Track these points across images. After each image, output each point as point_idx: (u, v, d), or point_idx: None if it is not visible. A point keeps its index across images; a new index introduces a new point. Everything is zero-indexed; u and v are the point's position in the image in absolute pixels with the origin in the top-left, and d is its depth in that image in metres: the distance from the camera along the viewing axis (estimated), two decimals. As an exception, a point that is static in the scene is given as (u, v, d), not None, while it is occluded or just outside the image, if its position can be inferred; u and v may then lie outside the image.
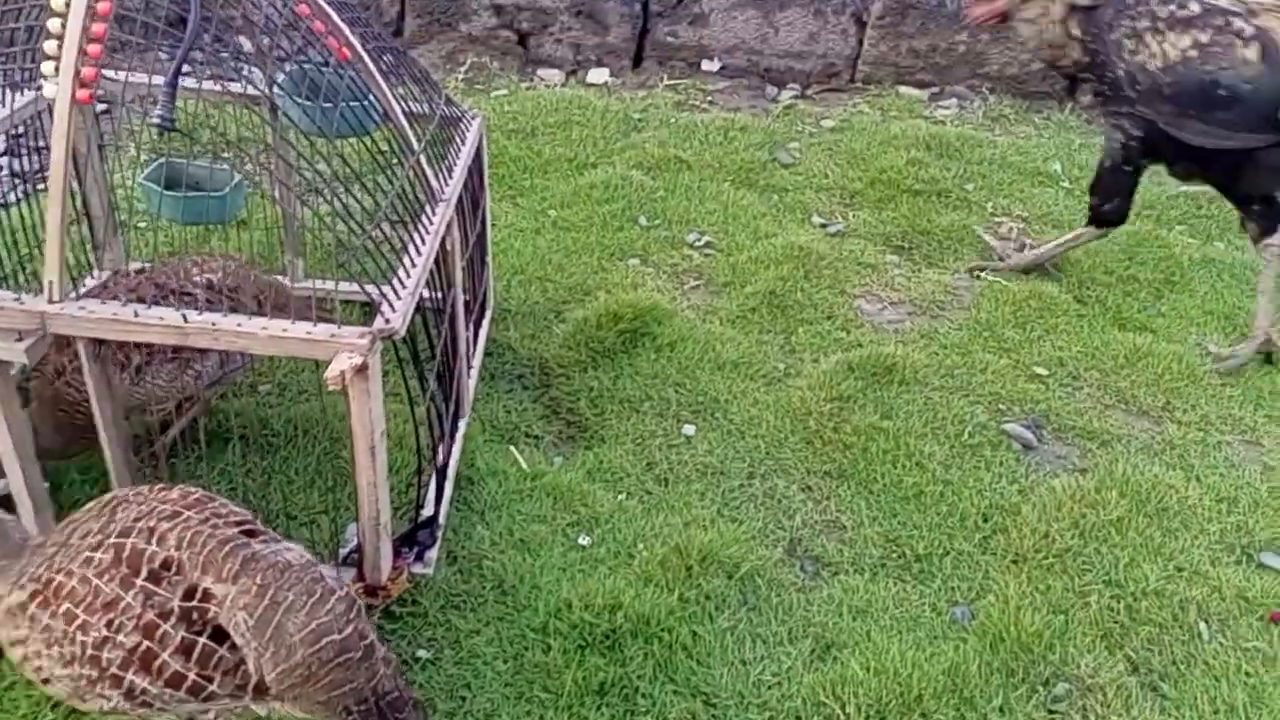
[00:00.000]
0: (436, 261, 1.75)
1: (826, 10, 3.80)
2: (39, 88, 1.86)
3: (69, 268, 1.48)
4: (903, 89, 3.84)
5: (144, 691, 1.23)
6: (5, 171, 2.28)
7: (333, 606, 1.26)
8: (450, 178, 1.90)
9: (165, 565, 1.23)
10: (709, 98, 3.78)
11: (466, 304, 2.15)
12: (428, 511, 1.76)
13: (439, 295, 1.80)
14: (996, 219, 3.08)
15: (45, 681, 1.27)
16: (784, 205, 3.10)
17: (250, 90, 2.09)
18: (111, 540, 1.25)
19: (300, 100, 1.91)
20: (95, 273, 2.20)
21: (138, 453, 1.79)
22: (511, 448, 2.11)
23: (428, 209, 1.75)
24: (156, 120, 1.36)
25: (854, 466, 2.12)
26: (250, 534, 1.31)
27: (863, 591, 1.85)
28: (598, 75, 3.83)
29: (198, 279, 1.83)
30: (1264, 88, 2.24)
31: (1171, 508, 2.07)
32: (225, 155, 2.35)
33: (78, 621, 1.22)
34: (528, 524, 1.91)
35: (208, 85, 1.59)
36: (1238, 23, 2.27)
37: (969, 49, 3.78)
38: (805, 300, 2.64)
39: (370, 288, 1.49)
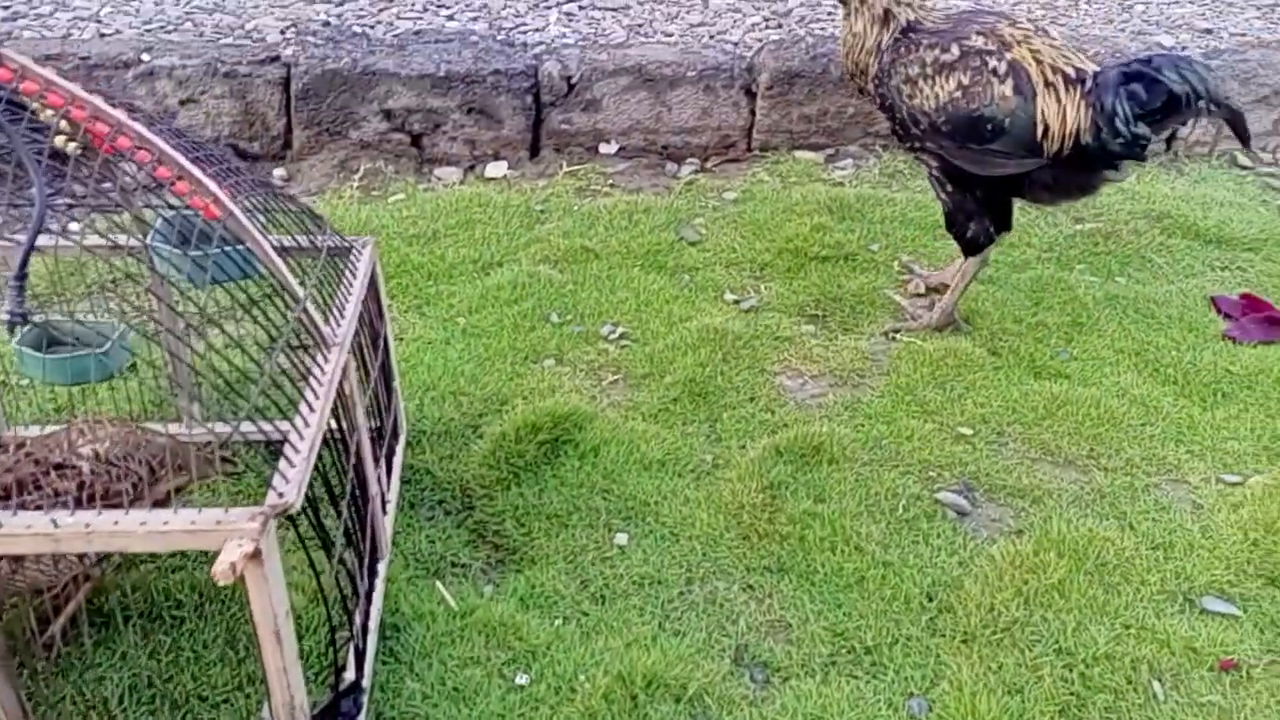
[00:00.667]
0: (335, 408, 1.67)
1: (716, 85, 3.84)
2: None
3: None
4: (799, 153, 3.90)
5: None
6: None
7: None
8: (343, 317, 1.83)
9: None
10: (610, 180, 3.78)
11: (378, 433, 2.07)
12: (350, 676, 1.65)
13: (341, 445, 1.71)
14: (904, 277, 3.10)
15: None
16: (695, 285, 3.09)
17: (128, 241, 2.01)
18: None
19: (178, 250, 1.83)
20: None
21: (26, 647, 1.65)
22: (438, 583, 2.02)
23: (318, 358, 1.67)
24: (5, 317, 1.26)
25: (793, 559, 2.07)
26: None
27: (816, 696, 1.78)
28: (496, 169, 3.80)
29: (84, 450, 1.71)
30: (1020, 118, 2.49)
31: (1110, 562, 2.06)
32: (105, 309, 2.24)
33: None
34: (461, 669, 1.81)
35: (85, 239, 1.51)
36: (992, 61, 2.51)
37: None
38: (726, 384, 2.61)
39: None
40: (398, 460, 2.25)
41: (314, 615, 1.87)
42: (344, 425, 1.74)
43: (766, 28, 4.49)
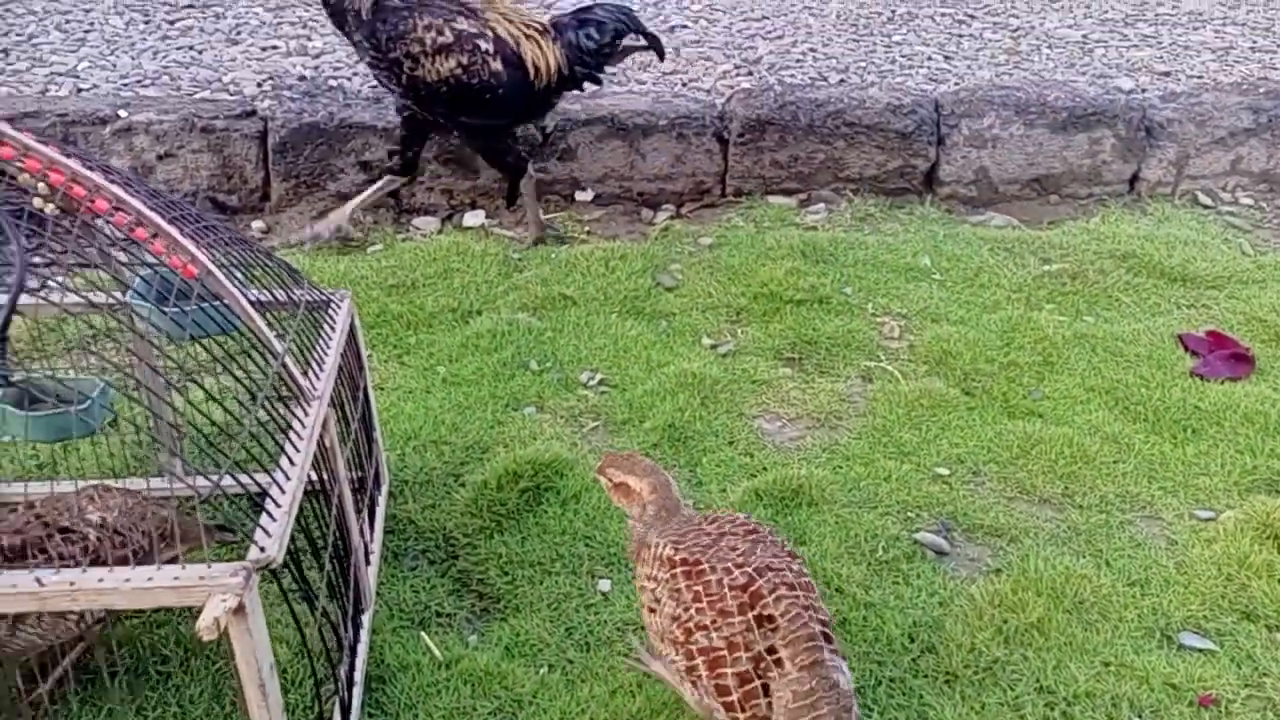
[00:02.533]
0: (316, 461, 1.68)
1: (688, 133, 3.91)
2: None
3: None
4: (772, 198, 3.96)
5: (697, 674, 1.60)
6: None
7: None
8: (322, 370, 1.84)
9: (769, 619, 1.58)
10: (586, 228, 3.82)
11: (360, 484, 2.07)
12: (334, 732, 1.64)
13: (323, 497, 1.72)
14: (878, 319, 3.16)
15: (651, 611, 1.71)
16: (673, 330, 3.12)
17: (106, 299, 2.01)
18: (749, 569, 1.62)
19: (157, 306, 1.84)
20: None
21: (12, 706, 1.63)
22: (423, 633, 2.01)
23: (298, 412, 1.68)
24: (-12, 376, 1.27)
25: (775, 603, 2.08)
26: (827, 638, 1.59)
27: (801, 741, 1.78)
28: (473, 218, 3.84)
29: (92, 517, 1.72)
30: (511, 86, 3.27)
31: (1088, 599, 2.08)
32: (85, 366, 2.24)
33: (699, 603, 1.62)
34: (446, 721, 1.80)
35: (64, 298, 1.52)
36: (483, 44, 3.22)
37: (828, 155, 3.94)
38: (705, 429, 2.63)
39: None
40: (380, 511, 2.25)
41: (299, 668, 1.86)
42: (325, 477, 1.75)
43: (737, 74, 4.58)
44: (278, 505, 1.47)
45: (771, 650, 1.55)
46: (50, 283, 1.45)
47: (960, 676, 1.92)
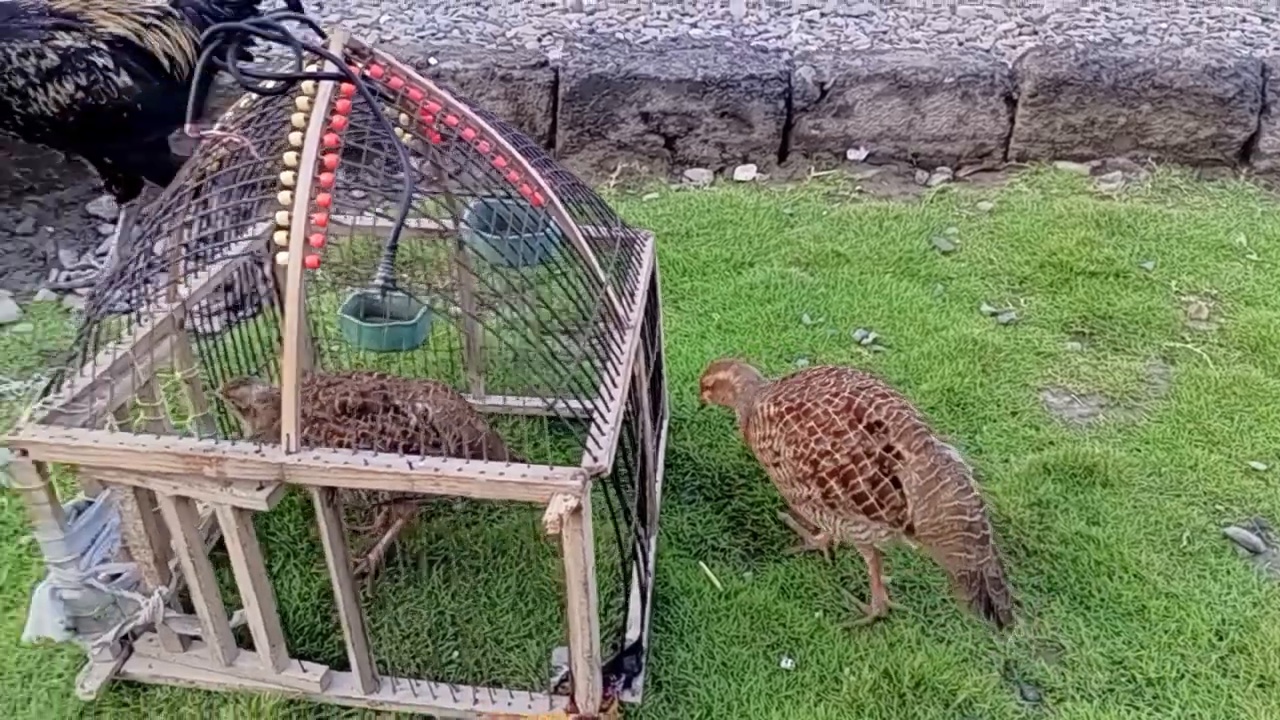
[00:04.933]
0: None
1: (975, 93, 3.75)
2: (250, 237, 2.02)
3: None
4: (1061, 164, 3.73)
5: (833, 496, 1.78)
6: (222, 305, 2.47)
7: (971, 499, 1.72)
8: (634, 303, 1.94)
9: (877, 424, 1.77)
10: (858, 187, 3.76)
11: (653, 413, 2.16)
12: (632, 637, 1.75)
13: (630, 419, 1.81)
14: (1183, 297, 2.91)
15: (775, 466, 1.89)
16: (950, 295, 3.03)
17: (442, 225, 2.21)
18: (844, 393, 1.82)
19: (485, 234, 2.00)
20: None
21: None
22: (701, 564, 2.09)
23: (616, 338, 1.78)
24: (379, 281, 1.43)
25: (1065, 579, 2.00)
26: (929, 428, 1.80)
27: (1093, 721, 1.72)
28: (744, 172, 3.88)
29: (419, 406, 1.89)
30: (148, 97, 2.80)
31: None
32: (420, 286, 2.46)
33: (814, 435, 1.80)
34: (727, 646, 1.87)
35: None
36: (99, 60, 2.71)
37: (1130, 120, 3.65)
38: (986, 396, 2.55)
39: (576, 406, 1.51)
40: (662, 444, 2.34)
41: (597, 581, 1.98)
42: (630, 404, 1.85)
43: (1020, 34, 4.33)
44: (605, 421, 1.57)
45: (888, 448, 1.76)
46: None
47: (1277, 682, 1.77)
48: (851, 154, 3.92)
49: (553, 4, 5.16)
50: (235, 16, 2.94)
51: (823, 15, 5.06)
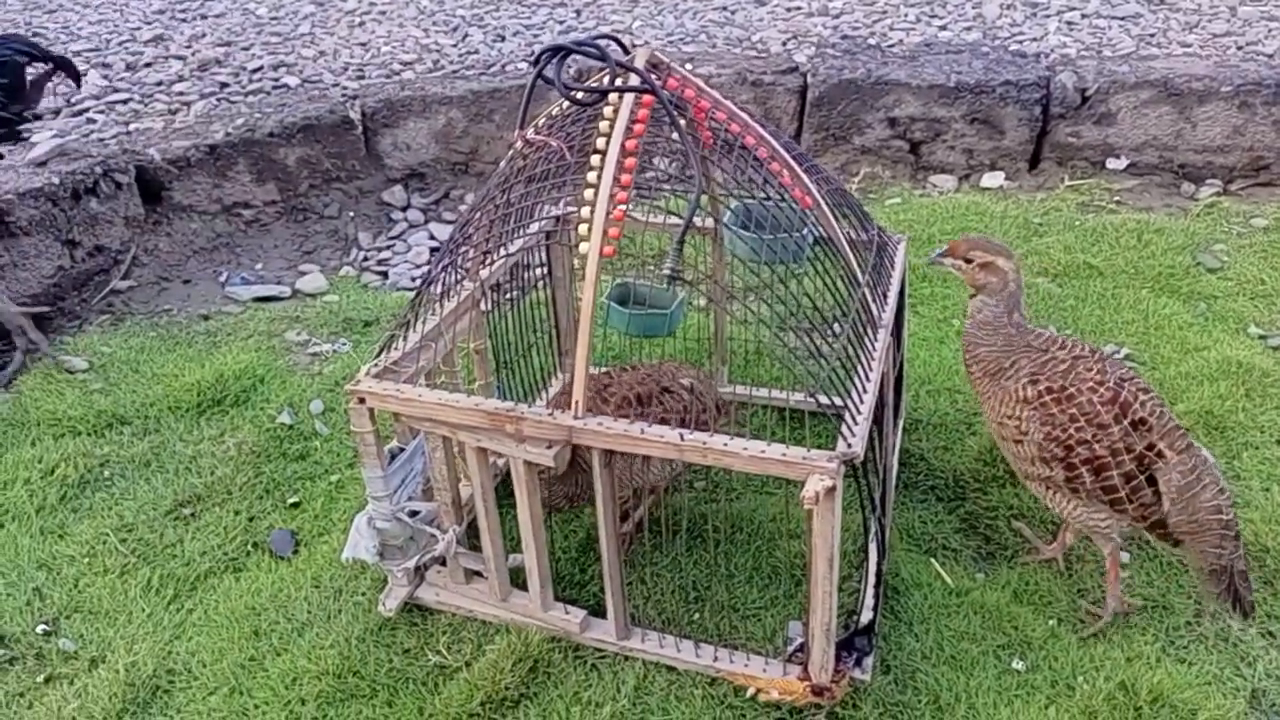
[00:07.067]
0: (877, 382, 1.87)
1: (1255, 103, 3.51)
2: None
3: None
4: (1355, 180, 3.43)
5: (1079, 481, 1.82)
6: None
7: (1226, 499, 1.80)
8: (886, 303, 2.03)
9: (1141, 421, 1.81)
10: (1116, 198, 3.62)
11: (895, 410, 2.25)
12: (865, 618, 1.85)
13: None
14: None
15: (1018, 442, 1.89)
16: (1213, 314, 2.89)
17: (705, 223, 2.39)
18: (1110, 385, 1.84)
19: (743, 232, 2.15)
20: (559, 375, 2.58)
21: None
22: (932, 560, 2.15)
23: (869, 335, 1.88)
24: (668, 271, 1.61)
25: (1329, 616, 1.91)
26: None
27: (1353, 764, 1.65)
28: (992, 179, 3.83)
29: (684, 381, 2.11)
30: None
31: None
32: (679, 278, 2.65)
33: (1075, 423, 1.82)
34: (957, 640, 1.93)
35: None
36: None
37: None
38: (1249, 421, 2.43)
39: (831, 398, 1.63)
40: (897, 441, 2.42)
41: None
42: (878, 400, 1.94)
43: (1318, 38, 4.00)
44: (859, 411, 1.68)
45: (1150, 446, 1.79)
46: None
47: None
48: (1111, 163, 3.78)
49: (799, 7, 5.27)
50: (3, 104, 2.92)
51: (1084, 17, 4.87)
